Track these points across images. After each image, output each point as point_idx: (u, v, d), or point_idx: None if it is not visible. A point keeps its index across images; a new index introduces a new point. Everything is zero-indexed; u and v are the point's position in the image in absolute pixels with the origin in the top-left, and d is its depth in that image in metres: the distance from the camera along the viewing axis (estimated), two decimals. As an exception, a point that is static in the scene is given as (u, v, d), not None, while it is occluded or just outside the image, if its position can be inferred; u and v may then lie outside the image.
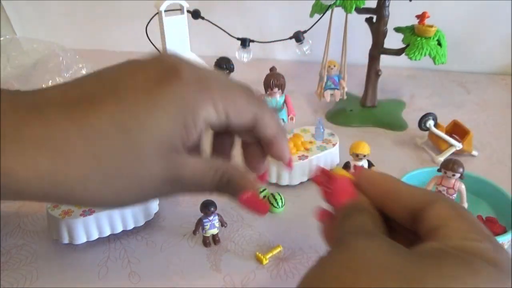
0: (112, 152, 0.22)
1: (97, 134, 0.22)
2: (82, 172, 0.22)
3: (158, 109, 0.22)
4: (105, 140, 0.22)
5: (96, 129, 0.22)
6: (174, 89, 0.22)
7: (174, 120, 0.23)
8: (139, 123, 0.22)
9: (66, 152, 0.21)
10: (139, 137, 0.22)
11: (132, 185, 0.23)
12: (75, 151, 0.22)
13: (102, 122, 0.22)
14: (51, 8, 0.85)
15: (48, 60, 0.61)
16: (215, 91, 0.24)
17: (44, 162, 0.21)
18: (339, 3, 0.51)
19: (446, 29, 0.54)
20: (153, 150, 0.23)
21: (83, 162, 0.22)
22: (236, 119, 0.25)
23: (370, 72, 0.58)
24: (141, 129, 0.22)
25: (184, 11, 0.55)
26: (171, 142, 0.23)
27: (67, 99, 0.22)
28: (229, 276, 0.34)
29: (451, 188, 0.37)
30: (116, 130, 0.22)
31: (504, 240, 0.35)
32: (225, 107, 0.24)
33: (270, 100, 0.50)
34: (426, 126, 0.50)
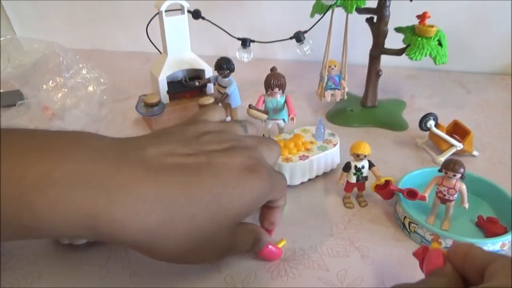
0: (205, 219, 0.27)
1: (198, 202, 0.26)
2: (181, 232, 0.26)
3: (244, 193, 0.29)
4: (203, 208, 0.27)
5: (198, 198, 0.26)
6: (256, 181, 0.29)
7: (251, 203, 0.29)
8: (230, 201, 0.28)
9: (173, 214, 0.26)
10: (228, 211, 0.28)
11: (209, 248, 0.29)
12: (180, 214, 0.26)
13: (204, 192, 0.27)
14: (51, 8, 0.85)
15: (48, 60, 0.61)
16: (275, 180, 0.31)
17: (154, 219, 0.25)
18: (340, 3, 0.51)
19: (447, 29, 0.54)
20: (231, 222, 0.29)
21: (183, 224, 0.26)
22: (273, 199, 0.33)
23: (370, 72, 0.58)
24: (230, 207, 0.28)
25: (185, 11, 0.55)
26: (241, 218, 0.30)
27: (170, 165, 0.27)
28: (230, 276, 0.34)
29: (452, 188, 0.37)
30: (213, 202, 0.27)
31: (505, 240, 0.35)
32: (274, 195, 0.32)
33: (271, 100, 0.50)
34: (426, 126, 0.50)
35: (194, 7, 0.56)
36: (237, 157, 0.30)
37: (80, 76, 0.61)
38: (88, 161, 0.25)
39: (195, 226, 0.27)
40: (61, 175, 0.24)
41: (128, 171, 0.25)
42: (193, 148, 0.30)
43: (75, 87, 0.59)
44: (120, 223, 0.24)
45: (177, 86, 0.58)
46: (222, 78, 0.54)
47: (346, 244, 0.38)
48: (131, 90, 0.69)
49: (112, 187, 0.24)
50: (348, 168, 0.41)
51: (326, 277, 0.34)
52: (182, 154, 0.29)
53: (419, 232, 0.37)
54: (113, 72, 0.73)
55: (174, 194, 0.26)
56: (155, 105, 0.54)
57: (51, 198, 0.23)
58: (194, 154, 0.29)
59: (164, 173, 0.26)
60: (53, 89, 0.58)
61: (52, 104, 0.57)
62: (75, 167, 0.24)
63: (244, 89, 0.67)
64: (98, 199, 0.24)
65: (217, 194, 0.27)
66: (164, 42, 0.56)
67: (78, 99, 0.58)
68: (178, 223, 0.26)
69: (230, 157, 0.30)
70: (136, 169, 0.25)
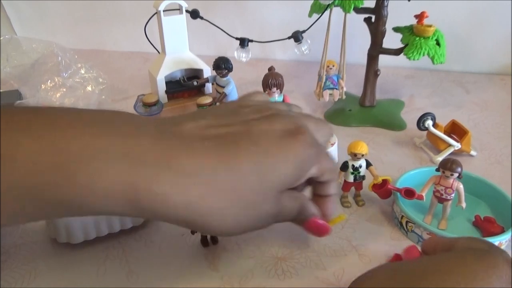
0: (248, 189, 0.26)
1: (239, 172, 0.26)
2: (224, 205, 0.26)
3: (287, 159, 0.27)
4: (244, 178, 0.26)
5: (238, 168, 0.26)
6: (299, 146, 0.27)
7: (294, 171, 0.28)
8: (272, 170, 0.27)
9: (213, 186, 0.25)
10: (270, 179, 0.27)
11: (255, 217, 0.27)
12: (221, 186, 0.25)
13: (243, 162, 0.26)
14: (51, 8, 0.85)
15: (47, 60, 0.61)
16: (321, 155, 0.30)
17: (194, 192, 0.25)
18: (338, 3, 0.51)
19: (445, 29, 0.54)
20: (275, 191, 0.27)
21: (226, 196, 0.25)
22: (323, 177, 0.31)
23: (369, 72, 0.58)
24: (273, 173, 0.27)
25: (183, 11, 0.55)
26: (285, 186, 0.28)
27: (207, 137, 0.26)
28: (227, 275, 0.34)
29: (449, 188, 0.37)
30: (253, 171, 0.26)
31: (502, 240, 0.35)
32: (323, 169, 0.30)
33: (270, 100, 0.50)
34: (424, 126, 0.50)
35: (192, 7, 0.56)
36: (278, 123, 0.28)
37: (79, 76, 0.61)
38: (127, 135, 0.25)
39: (238, 197, 0.26)
40: (101, 147, 0.23)
41: (166, 145, 0.25)
42: (230, 119, 0.29)
43: (74, 87, 0.59)
44: (160, 197, 0.24)
45: (176, 86, 0.58)
46: (220, 77, 0.54)
47: (343, 243, 0.38)
48: (129, 90, 0.69)
49: (151, 161, 0.24)
50: (345, 167, 0.41)
51: (323, 276, 0.34)
52: (219, 125, 0.28)
53: (417, 231, 0.37)
54: (112, 72, 0.73)
55: (212, 166, 0.25)
56: (153, 104, 0.54)
57: (92, 170, 0.23)
58: (232, 124, 0.28)
59: (202, 145, 0.26)
60: (51, 88, 0.58)
61: (51, 104, 0.57)
62: (114, 140, 0.24)
63: (242, 88, 0.67)
64: (137, 172, 0.24)
65: (257, 163, 0.26)
66: (162, 42, 0.56)
67: (76, 99, 0.58)
68: (220, 195, 0.25)
69: (270, 123, 0.28)
70: (174, 143, 0.25)
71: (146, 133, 0.25)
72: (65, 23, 0.86)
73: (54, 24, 0.86)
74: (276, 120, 0.28)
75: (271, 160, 0.26)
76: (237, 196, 0.26)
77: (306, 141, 0.28)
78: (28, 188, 0.22)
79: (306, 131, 0.28)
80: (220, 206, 0.25)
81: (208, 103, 0.53)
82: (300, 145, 0.27)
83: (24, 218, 0.25)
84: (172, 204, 0.24)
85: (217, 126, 0.27)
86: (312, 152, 0.28)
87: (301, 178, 0.29)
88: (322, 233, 0.32)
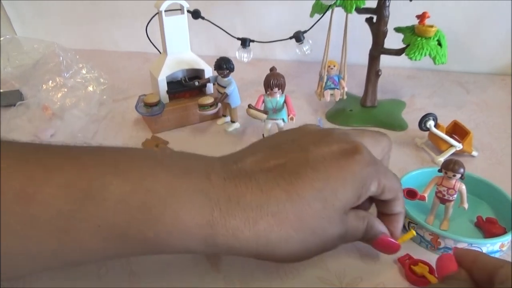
0: (313, 216, 0.27)
1: (302, 201, 0.27)
2: (290, 234, 0.26)
3: (346, 181, 0.27)
4: (308, 206, 0.27)
5: (301, 197, 0.27)
6: (357, 165, 0.28)
7: (355, 191, 0.28)
8: (333, 193, 0.27)
9: (279, 217, 0.26)
10: (332, 203, 0.27)
11: (321, 242, 0.28)
12: (286, 216, 0.26)
13: (305, 190, 0.27)
14: (51, 8, 0.85)
15: (48, 60, 0.62)
16: (381, 172, 0.30)
17: (262, 225, 0.26)
18: (339, 3, 0.51)
19: (446, 29, 0.54)
20: (338, 213, 0.28)
21: (291, 225, 0.26)
22: (385, 195, 0.30)
23: (370, 72, 0.58)
24: (335, 198, 0.27)
25: (184, 11, 0.55)
26: (348, 207, 0.29)
27: (265, 168, 0.28)
28: (228, 276, 0.34)
29: (452, 189, 0.37)
30: (315, 198, 0.27)
31: (504, 241, 0.35)
32: (382, 187, 0.30)
33: (270, 100, 0.50)
34: (426, 127, 0.50)
35: (193, 7, 0.56)
36: (334, 144, 0.29)
37: (80, 76, 0.61)
38: (202, 176, 0.26)
39: (303, 224, 0.27)
40: (183, 188, 0.25)
41: (234, 183, 0.27)
42: (288, 146, 0.30)
43: (75, 87, 0.59)
44: (233, 232, 0.25)
45: (177, 86, 0.58)
46: (222, 78, 0.54)
47: (345, 244, 0.37)
48: (130, 90, 0.69)
49: (224, 199, 0.26)
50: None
51: (325, 276, 0.34)
52: (278, 155, 0.29)
53: (419, 232, 0.37)
54: (113, 72, 0.73)
55: (277, 198, 0.26)
56: (154, 105, 0.54)
57: (177, 209, 0.25)
58: (290, 151, 0.29)
59: (265, 178, 0.27)
60: (52, 89, 0.58)
61: (52, 104, 0.57)
62: (192, 181, 0.26)
63: (243, 89, 0.67)
64: (213, 211, 0.25)
65: (318, 189, 0.27)
66: (163, 42, 0.56)
67: (77, 99, 0.58)
68: (286, 225, 0.26)
69: (327, 145, 0.29)
70: (240, 180, 0.27)
71: (216, 173, 0.27)
72: (66, 23, 0.86)
73: (55, 24, 0.86)
74: (331, 141, 0.29)
75: (331, 184, 0.27)
76: (302, 224, 0.27)
77: (363, 160, 0.28)
78: (116, 227, 0.24)
79: (362, 149, 0.29)
80: (287, 235, 0.27)
81: (209, 103, 0.53)
82: (357, 165, 0.28)
83: (104, 255, 0.26)
84: (243, 237, 0.26)
85: (276, 156, 0.29)
86: (369, 170, 0.29)
87: (362, 197, 0.29)
88: (391, 251, 0.33)
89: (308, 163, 0.28)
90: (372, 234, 0.32)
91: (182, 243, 0.26)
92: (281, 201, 0.26)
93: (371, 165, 0.29)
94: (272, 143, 0.31)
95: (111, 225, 0.23)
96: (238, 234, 0.26)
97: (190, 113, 0.57)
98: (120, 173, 0.24)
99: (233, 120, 0.57)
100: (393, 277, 0.34)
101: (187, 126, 0.58)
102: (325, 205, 0.27)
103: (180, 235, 0.25)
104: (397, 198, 0.32)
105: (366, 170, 0.28)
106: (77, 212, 0.23)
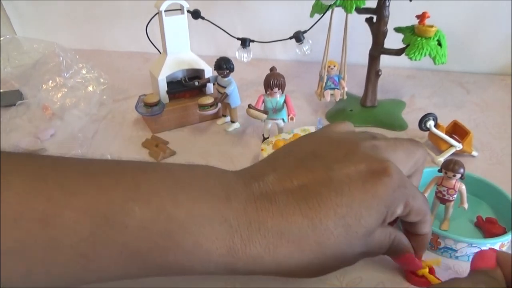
0: (334, 243, 0.26)
1: (324, 227, 0.26)
2: (310, 259, 0.26)
3: (372, 207, 0.26)
4: (329, 233, 0.26)
5: (323, 224, 0.26)
6: (384, 189, 0.26)
7: (380, 216, 0.27)
8: (357, 220, 0.26)
9: (300, 244, 0.26)
10: (355, 230, 0.26)
11: (341, 263, 0.28)
12: (307, 242, 0.26)
13: (328, 216, 0.26)
14: (51, 8, 0.85)
15: (48, 60, 0.62)
16: (409, 195, 0.28)
17: (283, 252, 0.25)
18: (339, 3, 0.51)
19: (446, 29, 0.54)
20: (361, 237, 0.27)
21: (312, 251, 0.26)
22: (411, 218, 0.29)
23: (370, 72, 0.58)
24: (358, 225, 0.26)
25: (184, 11, 0.55)
26: (372, 231, 0.27)
27: (287, 190, 0.26)
28: (229, 276, 0.34)
29: (452, 189, 0.37)
30: (338, 224, 0.26)
31: (504, 241, 0.35)
32: (411, 208, 0.28)
33: (270, 100, 0.50)
34: (426, 127, 0.50)
35: (193, 7, 0.56)
36: (362, 163, 0.27)
37: (80, 76, 0.61)
38: (222, 200, 0.26)
39: (324, 250, 0.26)
40: (203, 214, 0.25)
41: (255, 207, 0.26)
42: (311, 163, 0.28)
43: (75, 87, 0.59)
44: (253, 259, 0.25)
45: (177, 86, 0.58)
46: (222, 78, 0.54)
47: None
48: (130, 90, 0.69)
49: (244, 224, 0.25)
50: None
51: (325, 276, 0.34)
52: (301, 173, 0.27)
53: (418, 232, 0.37)
54: (113, 72, 0.73)
55: (298, 224, 0.25)
56: (154, 105, 0.54)
57: (197, 236, 0.24)
58: (313, 169, 0.27)
59: (285, 201, 0.26)
60: (52, 89, 0.58)
61: (52, 104, 0.57)
62: (212, 205, 0.25)
63: (243, 89, 0.67)
64: (234, 237, 0.25)
65: (341, 216, 0.26)
66: (163, 42, 0.56)
67: (77, 99, 0.58)
68: (306, 251, 0.26)
69: (353, 164, 0.27)
70: (261, 204, 0.26)
71: (236, 196, 0.26)
72: (66, 23, 0.86)
73: (55, 24, 0.86)
74: (359, 160, 0.27)
75: (355, 210, 0.26)
76: (323, 250, 0.26)
77: (391, 183, 0.26)
78: (137, 253, 0.24)
79: (391, 171, 0.27)
80: (308, 260, 0.26)
81: (209, 103, 0.53)
82: (385, 188, 0.26)
83: (126, 277, 0.26)
84: (263, 264, 0.26)
85: (298, 175, 0.27)
86: (397, 193, 0.27)
87: (387, 220, 0.28)
88: (413, 269, 0.33)
89: (332, 184, 0.26)
90: (398, 250, 0.31)
91: (203, 267, 0.25)
92: (303, 229, 0.25)
93: (400, 188, 0.27)
94: (293, 156, 0.29)
95: (132, 251, 0.23)
96: (258, 260, 0.25)
97: (190, 113, 0.57)
98: (141, 197, 0.24)
99: (233, 120, 0.57)
100: (393, 277, 0.34)
101: (187, 126, 0.58)
102: (348, 231, 0.26)
103: (200, 261, 0.25)
104: (424, 221, 0.30)
105: (393, 194, 0.27)
106: (97, 237, 0.22)
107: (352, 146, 0.29)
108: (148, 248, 0.24)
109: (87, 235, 0.22)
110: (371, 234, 0.28)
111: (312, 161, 0.28)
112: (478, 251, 0.29)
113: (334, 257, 0.27)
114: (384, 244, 0.29)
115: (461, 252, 0.35)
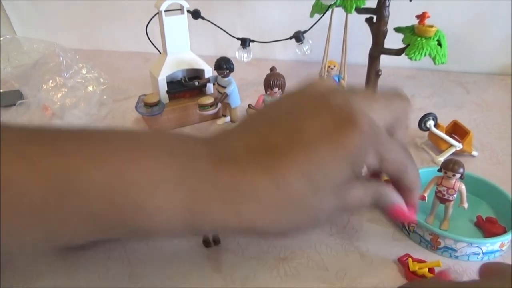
0: (299, 199, 0.25)
1: (287, 184, 0.25)
2: (277, 218, 0.25)
3: (338, 159, 0.25)
4: (294, 191, 0.25)
5: (287, 180, 0.25)
6: (349, 139, 0.25)
7: (347, 166, 0.26)
8: (323, 173, 0.25)
9: (264, 202, 0.25)
10: (321, 184, 0.25)
11: (310, 219, 0.27)
12: (272, 203, 0.25)
13: (292, 172, 0.25)
14: (51, 8, 0.85)
15: (48, 60, 0.62)
16: (380, 141, 0.27)
17: (246, 211, 0.25)
18: (339, 3, 0.51)
19: (446, 29, 0.54)
20: (329, 190, 0.26)
21: (277, 211, 0.25)
22: (386, 168, 0.28)
23: (370, 72, 0.58)
24: (324, 178, 0.25)
25: (184, 11, 0.55)
26: (342, 182, 0.26)
27: (252, 150, 0.26)
28: (229, 276, 0.34)
29: (452, 189, 0.37)
30: (302, 182, 0.25)
31: (504, 240, 0.35)
32: (382, 157, 0.27)
33: (270, 100, 0.50)
34: (426, 126, 0.50)
35: (193, 7, 0.56)
36: (328, 116, 0.26)
37: (80, 76, 0.61)
38: (180, 161, 0.25)
39: (290, 208, 0.25)
40: (162, 177, 0.24)
41: (216, 168, 0.25)
42: (279, 123, 0.27)
43: (75, 87, 0.59)
44: (217, 220, 0.25)
45: (177, 86, 0.58)
46: (222, 78, 0.54)
47: (345, 244, 0.38)
48: (130, 90, 0.69)
49: (203, 185, 0.25)
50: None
51: (325, 276, 0.34)
52: (269, 136, 0.26)
53: (418, 232, 0.37)
54: (113, 72, 0.73)
55: (260, 182, 0.25)
56: (154, 105, 0.54)
57: (153, 196, 0.24)
58: (280, 128, 0.26)
59: (252, 163, 0.25)
60: (52, 89, 0.58)
61: (52, 104, 0.57)
62: (167, 166, 0.25)
63: (243, 89, 0.67)
64: (193, 198, 0.24)
65: (305, 172, 0.25)
66: (163, 42, 0.56)
67: (77, 99, 0.58)
68: (272, 212, 0.25)
69: (320, 117, 0.26)
70: (224, 165, 0.25)
71: (199, 157, 0.26)
72: (66, 23, 0.86)
73: (55, 24, 0.86)
74: (327, 113, 0.26)
75: (319, 163, 0.25)
76: (289, 207, 0.25)
77: (357, 132, 0.25)
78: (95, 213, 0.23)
79: (358, 119, 0.25)
80: (276, 219, 0.25)
81: (209, 103, 0.54)
82: (351, 139, 0.25)
83: (93, 237, 0.26)
84: (228, 224, 0.25)
85: (266, 139, 0.26)
86: (366, 143, 0.26)
87: (357, 170, 0.27)
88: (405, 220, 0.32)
89: (295, 140, 0.25)
90: (383, 203, 0.29)
91: (166, 230, 0.25)
92: (266, 187, 0.25)
93: (369, 137, 0.26)
94: (268, 115, 0.29)
95: (90, 211, 0.23)
96: (221, 221, 0.25)
97: (190, 113, 0.57)
98: (97, 159, 0.24)
99: (233, 120, 0.57)
100: (393, 277, 0.34)
101: (187, 126, 0.58)
102: (313, 186, 0.25)
103: (161, 222, 0.24)
104: (404, 171, 0.28)
105: (360, 143, 0.25)
106: (54, 199, 0.23)
107: (323, 100, 0.27)
108: (106, 208, 0.23)
109: (44, 198, 0.22)
110: (342, 188, 0.27)
111: (283, 120, 0.27)
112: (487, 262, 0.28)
113: (304, 213, 0.26)
114: (365, 199, 0.28)
115: (461, 251, 0.35)
